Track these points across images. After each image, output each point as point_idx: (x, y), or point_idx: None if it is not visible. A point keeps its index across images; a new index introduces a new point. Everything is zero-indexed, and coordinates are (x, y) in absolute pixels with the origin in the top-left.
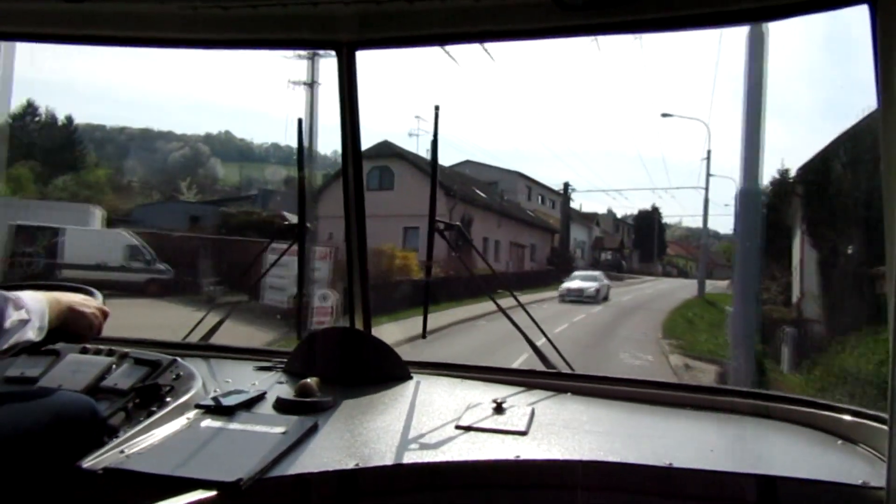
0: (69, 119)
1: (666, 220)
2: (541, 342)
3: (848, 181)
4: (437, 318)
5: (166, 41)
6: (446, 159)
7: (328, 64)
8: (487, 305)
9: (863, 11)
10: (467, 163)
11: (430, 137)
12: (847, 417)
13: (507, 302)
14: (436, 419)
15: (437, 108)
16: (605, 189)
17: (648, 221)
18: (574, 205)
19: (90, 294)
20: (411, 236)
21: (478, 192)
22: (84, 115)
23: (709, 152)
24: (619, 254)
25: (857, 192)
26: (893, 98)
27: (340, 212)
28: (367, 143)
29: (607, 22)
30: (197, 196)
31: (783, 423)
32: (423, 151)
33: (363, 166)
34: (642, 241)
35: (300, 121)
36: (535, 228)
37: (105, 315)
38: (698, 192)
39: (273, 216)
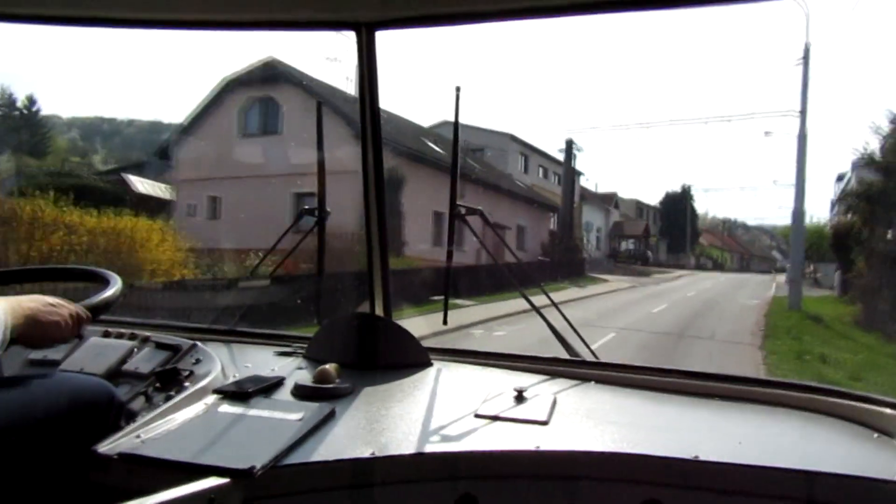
0: None
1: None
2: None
3: None
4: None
5: (175, 22)
6: (427, 119)
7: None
8: (495, 308)
9: None
10: (446, 124)
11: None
12: (884, 410)
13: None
14: (455, 407)
15: (458, 88)
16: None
17: (678, 206)
18: (588, 184)
19: (106, 280)
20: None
21: (431, 145)
22: None
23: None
24: (643, 243)
25: None
26: None
27: (210, 174)
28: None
29: None
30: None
31: (815, 415)
32: (345, 80)
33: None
34: (671, 229)
35: (319, 104)
36: (526, 204)
37: (79, 320)
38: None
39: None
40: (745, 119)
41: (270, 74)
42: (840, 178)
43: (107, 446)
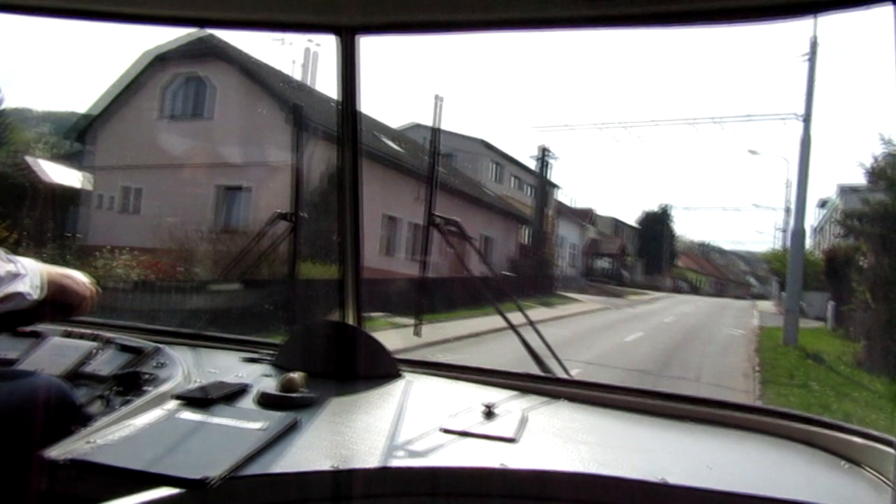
0: None
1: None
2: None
3: None
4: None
5: (157, 18)
6: (395, 121)
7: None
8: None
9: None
10: (416, 126)
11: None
12: (853, 438)
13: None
14: (422, 421)
15: (438, 97)
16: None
17: (656, 226)
18: (565, 199)
19: None
20: (236, 205)
21: (388, 142)
22: None
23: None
24: (619, 262)
25: None
26: None
27: (126, 161)
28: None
29: (628, 13)
30: None
31: (786, 441)
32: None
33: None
34: (648, 249)
35: (296, 106)
36: (494, 214)
37: (97, 293)
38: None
39: None
40: (740, 122)
41: (203, 49)
42: (822, 203)
43: (57, 451)
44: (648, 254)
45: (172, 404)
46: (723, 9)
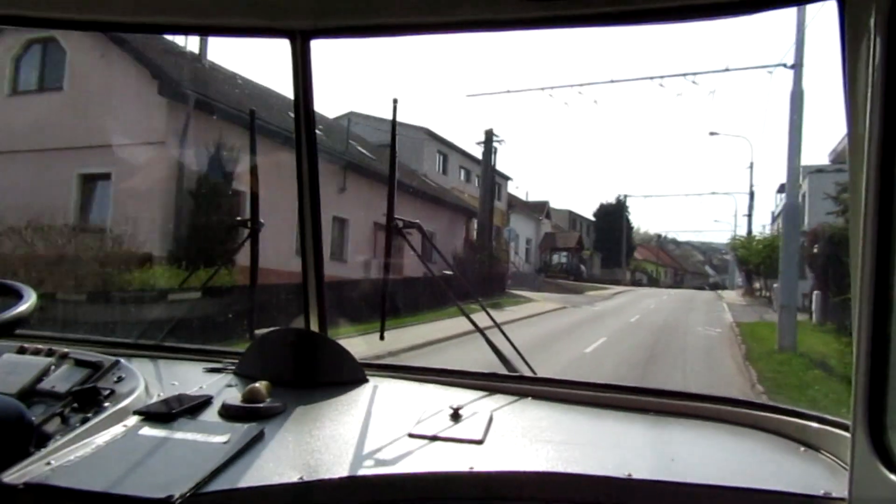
0: None
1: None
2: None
3: None
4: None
5: (112, 25)
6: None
7: None
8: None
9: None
10: (351, 114)
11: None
12: (810, 423)
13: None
14: (389, 426)
15: (395, 101)
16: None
17: (613, 218)
18: (519, 193)
19: (18, 294)
20: (98, 196)
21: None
22: None
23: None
24: (576, 256)
25: None
26: (859, 93)
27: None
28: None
29: (577, 13)
30: None
31: (746, 429)
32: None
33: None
34: (605, 242)
35: (252, 111)
36: (436, 206)
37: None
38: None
39: None
40: (718, 76)
41: None
42: (783, 188)
43: (13, 475)
44: (606, 247)
45: (133, 420)
46: (667, 8)
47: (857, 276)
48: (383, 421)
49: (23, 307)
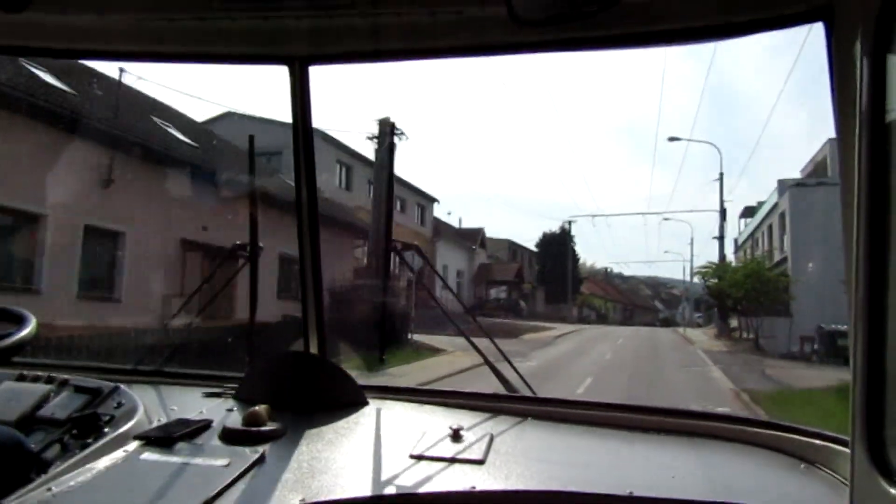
0: None
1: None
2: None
3: None
4: None
5: (110, 53)
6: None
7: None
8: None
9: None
10: (228, 116)
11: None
12: (809, 440)
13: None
14: (390, 448)
15: (392, 123)
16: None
17: (558, 248)
18: (451, 219)
19: (19, 319)
20: None
21: (177, 134)
22: None
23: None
24: (516, 290)
25: None
26: (848, 116)
27: None
28: None
29: (565, 38)
30: None
31: (746, 447)
32: None
33: None
34: (550, 275)
35: (251, 137)
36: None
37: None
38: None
39: None
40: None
41: None
42: (749, 211)
43: (14, 502)
44: (551, 280)
45: (133, 445)
46: (653, 32)
47: (853, 294)
48: (384, 443)
49: (23, 333)
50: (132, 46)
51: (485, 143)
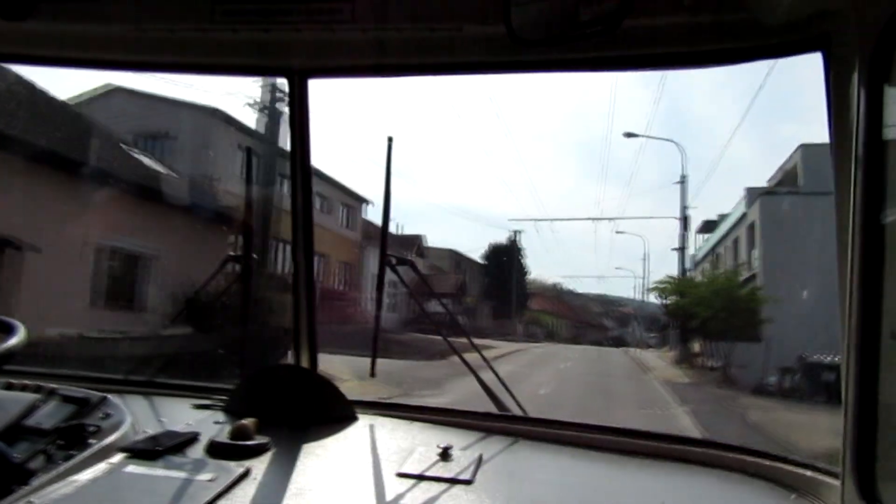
0: None
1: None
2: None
3: None
4: None
5: (112, 63)
6: None
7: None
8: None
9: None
10: (117, 91)
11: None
12: (800, 470)
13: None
14: (378, 465)
15: (390, 139)
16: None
17: (504, 260)
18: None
19: (8, 327)
20: None
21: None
22: None
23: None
24: (457, 304)
25: None
26: (845, 145)
27: None
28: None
29: (565, 59)
30: None
31: (736, 475)
32: None
33: None
34: (496, 290)
35: (248, 149)
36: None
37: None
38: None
39: None
40: None
41: None
42: (709, 226)
43: None
44: (497, 294)
45: (118, 457)
46: (652, 55)
47: (845, 328)
48: (372, 459)
49: (11, 342)
50: (133, 56)
51: (434, 150)
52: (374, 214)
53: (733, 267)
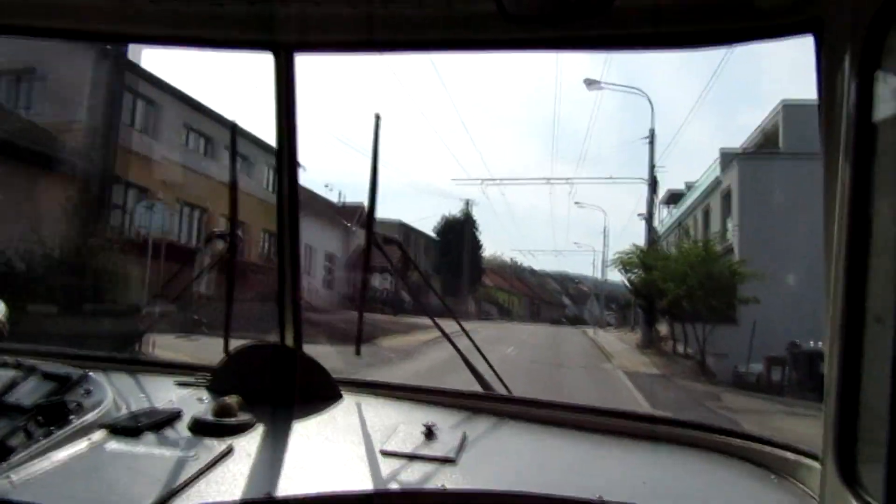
0: None
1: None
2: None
3: None
4: None
5: (94, 34)
6: None
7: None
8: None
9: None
10: None
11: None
12: (781, 453)
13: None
14: (362, 443)
15: (377, 116)
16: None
17: (456, 235)
18: (331, 195)
19: None
20: None
21: None
22: None
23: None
24: (400, 279)
25: None
26: (834, 126)
27: None
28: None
29: (555, 37)
30: None
31: (718, 456)
32: None
33: None
34: (450, 265)
35: (233, 126)
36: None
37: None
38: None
39: None
40: None
41: None
42: (675, 198)
43: None
44: (449, 270)
45: (99, 434)
46: (643, 35)
47: (830, 310)
48: (356, 438)
49: None
50: (116, 28)
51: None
52: (309, 182)
53: (704, 240)
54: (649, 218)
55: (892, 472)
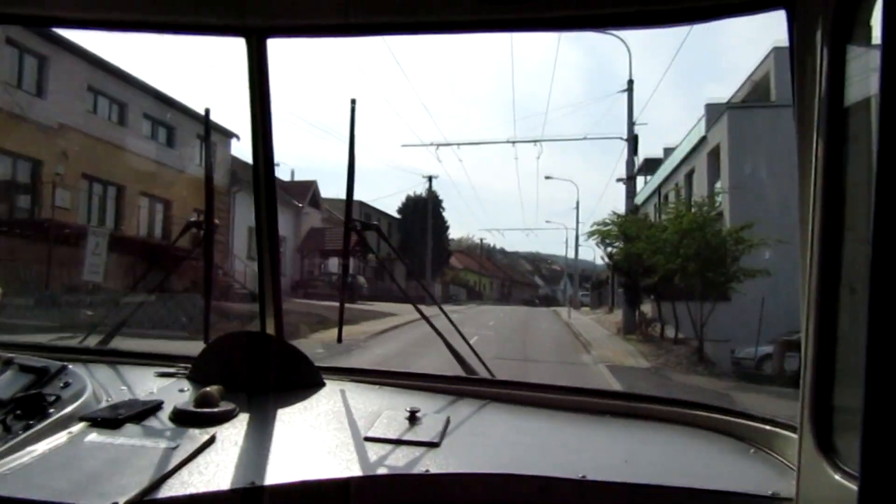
0: None
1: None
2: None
3: None
4: None
5: (59, 20)
6: None
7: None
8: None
9: (780, 16)
10: None
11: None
12: (759, 425)
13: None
14: (345, 430)
15: (353, 101)
16: None
17: (420, 215)
18: (280, 171)
19: None
20: None
21: None
22: None
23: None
24: (359, 263)
25: None
26: (807, 100)
27: None
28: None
29: (531, 18)
30: None
31: (698, 431)
32: None
33: None
34: (415, 247)
35: (207, 111)
36: None
37: None
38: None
39: None
40: None
41: None
42: (652, 166)
43: None
44: (412, 252)
45: (79, 427)
46: (619, 14)
47: (805, 281)
48: (339, 425)
49: None
50: (83, 14)
51: (337, 98)
52: (241, 151)
53: (687, 207)
54: (631, 180)
55: (868, 440)
